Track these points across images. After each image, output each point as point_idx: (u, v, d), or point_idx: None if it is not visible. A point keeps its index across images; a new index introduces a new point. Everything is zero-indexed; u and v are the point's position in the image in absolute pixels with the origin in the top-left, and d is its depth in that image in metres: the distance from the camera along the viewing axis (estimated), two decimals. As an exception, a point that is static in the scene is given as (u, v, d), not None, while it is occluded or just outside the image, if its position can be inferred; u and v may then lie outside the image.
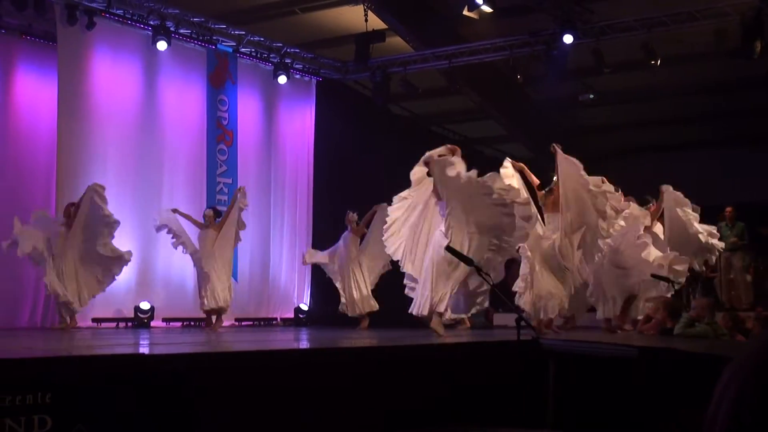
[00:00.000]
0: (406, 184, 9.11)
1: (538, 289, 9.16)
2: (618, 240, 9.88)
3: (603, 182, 9.23)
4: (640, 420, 5.63)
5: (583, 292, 9.84)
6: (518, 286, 9.31)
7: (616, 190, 9.44)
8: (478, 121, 18.53)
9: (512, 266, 9.69)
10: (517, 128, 18.58)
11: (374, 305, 12.55)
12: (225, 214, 11.78)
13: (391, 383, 5.73)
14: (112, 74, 12.84)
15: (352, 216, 12.68)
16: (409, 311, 8.87)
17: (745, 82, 15.26)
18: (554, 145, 9.38)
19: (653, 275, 9.77)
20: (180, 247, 11.89)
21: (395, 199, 9.29)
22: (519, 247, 9.02)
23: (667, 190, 10.79)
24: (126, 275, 12.32)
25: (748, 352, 1.32)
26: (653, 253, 9.96)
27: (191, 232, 12.01)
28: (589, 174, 9.26)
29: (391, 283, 13.16)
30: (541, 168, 10.19)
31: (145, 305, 12.48)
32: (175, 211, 12.04)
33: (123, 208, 12.34)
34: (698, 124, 18.29)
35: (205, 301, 11.46)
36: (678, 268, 9.89)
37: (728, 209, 13.05)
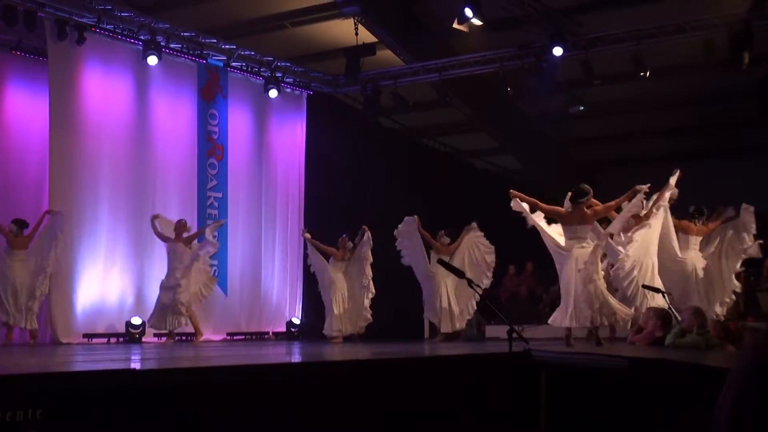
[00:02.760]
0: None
1: None
2: None
3: None
4: (631, 430, 5.64)
5: None
6: None
7: None
8: (468, 133, 18.57)
9: (503, 278, 9.69)
10: (508, 140, 18.62)
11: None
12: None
13: (384, 395, 5.73)
14: (103, 89, 12.82)
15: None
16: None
17: (733, 94, 15.33)
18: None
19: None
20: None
21: None
22: None
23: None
24: (118, 290, 12.29)
25: (748, 356, 1.32)
26: None
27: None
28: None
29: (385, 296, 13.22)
30: (530, 180, 10.24)
31: (136, 320, 12.41)
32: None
33: (115, 223, 12.32)
34: (686, 134, 18.36)
35: None
36: None
37: None
